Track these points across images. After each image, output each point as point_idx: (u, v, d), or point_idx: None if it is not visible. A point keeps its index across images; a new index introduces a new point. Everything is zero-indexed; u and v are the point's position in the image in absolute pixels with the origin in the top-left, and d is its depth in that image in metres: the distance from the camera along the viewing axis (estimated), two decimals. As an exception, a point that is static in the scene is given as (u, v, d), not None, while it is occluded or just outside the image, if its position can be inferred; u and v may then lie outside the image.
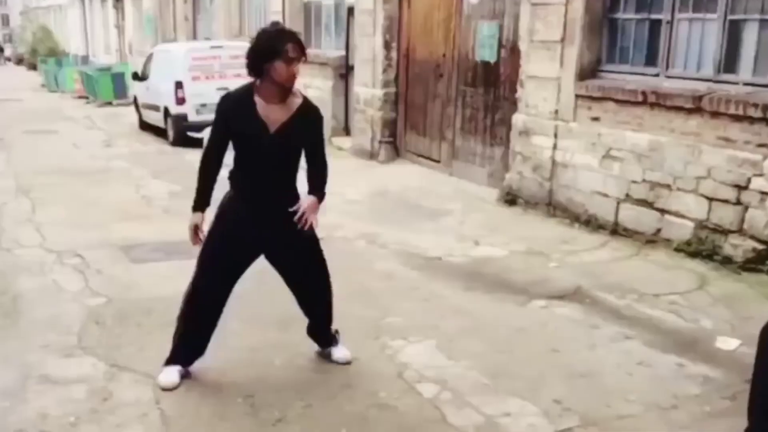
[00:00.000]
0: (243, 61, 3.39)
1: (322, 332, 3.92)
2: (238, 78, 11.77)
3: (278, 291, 3.98)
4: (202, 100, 11.67)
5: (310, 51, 12.13)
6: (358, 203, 7.74)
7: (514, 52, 7.53)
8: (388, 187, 8.39)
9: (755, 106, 5.13)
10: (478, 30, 8.17)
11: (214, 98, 13.28)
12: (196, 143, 10.88)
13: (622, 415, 3.37)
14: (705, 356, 4.03)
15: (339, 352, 3.90)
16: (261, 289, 5.07)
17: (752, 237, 5.23)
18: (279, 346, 4.08)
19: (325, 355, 3.92)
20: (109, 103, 18.34)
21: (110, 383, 3.68)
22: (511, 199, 7.43)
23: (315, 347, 3.98)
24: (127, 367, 3.87)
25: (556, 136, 6.91)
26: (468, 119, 8.49)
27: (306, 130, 3.47)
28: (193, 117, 11.64)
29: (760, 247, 5.18)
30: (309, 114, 3.48)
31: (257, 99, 3.38)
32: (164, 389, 3.58)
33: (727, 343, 4.18)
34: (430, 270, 5.58)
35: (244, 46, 13.39)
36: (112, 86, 18.66)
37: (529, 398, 3.52)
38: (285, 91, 3.38)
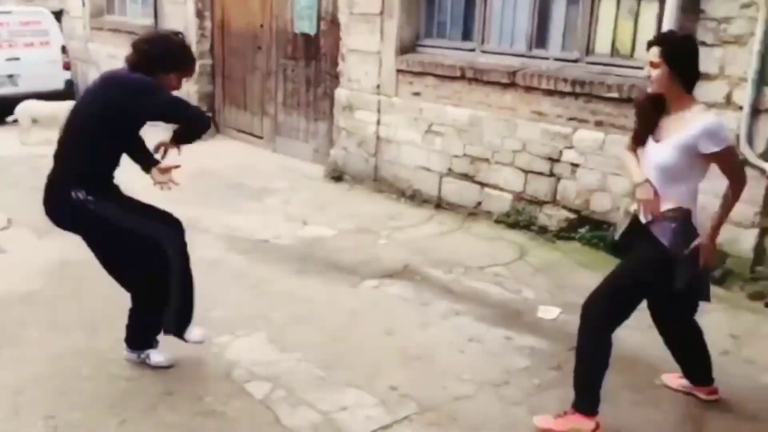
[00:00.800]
0: (36, 28, 3.00)
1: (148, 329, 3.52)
2: (30, 47, 10.72)
3: (83, 288, 3.54)
4: (-12, 72, 10.30)
5: (115, 19, 11.17)
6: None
7: (334, 24, 7.34)
8: (209, 166, 7.88)
9: (565, 81, 5.36)
10: (295, 0, 7.87)
11: (2, 70, 11.74)
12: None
13: (458, 396, 3.36)
14: (530, 327, 4.15)
15: (157, 356, 3.54)
16: (63, 286, 4.54)
17: (564, 207, 5.51)
18: (86, 354, 3.62)
19: (140, 361, 3.53)
20: None
21: None
22: (337, 175, 7.29)
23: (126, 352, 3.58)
24: None
25: (379, 111, 6.85)
26: (290, 93, 8.21)
27: None
28: (-23, 91, 10.23)
29: (571, 216, 5.47)
30: None
31: None
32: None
33: (549, 312, 4.34)
34: (257, 254, 5.30)
35: (36, 11, 11.92)
36: None
37: (365, 388, 3.40)
38: None
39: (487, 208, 6.03)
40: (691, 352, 3.28)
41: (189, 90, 9.32)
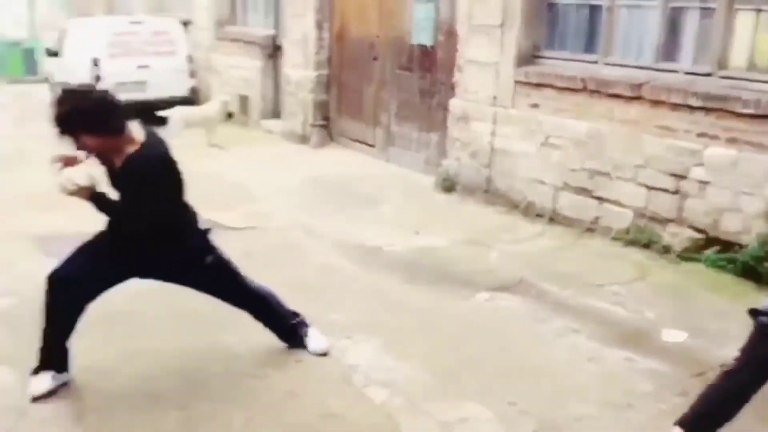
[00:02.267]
0: (164, 38, 3.08)
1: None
2: (159, 56, 11.39)
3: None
4: (120, 79, 10.97)
5: (237, 29, 11.68)
6: (290, 190, 7.44)
7: (452, 35, 7.36)
8: (322, 173, 8.12)
9: (695, 95, 5.13)
10: (414, 12, 7.96)
11: (133, 77, 12.55)
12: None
13: (580, 417, 3.27)
14: (652, 350, 3.99)
15: (313, 343, 3.75)
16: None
17: (690, 226, 5.26)
18: (215, 350, 3.80)
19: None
20: (19, 80, 17.24)
21: (25, 397, 3.31)
22: (448, 186, 7.29)
23: (253, 348, 3.73)
24: (45, 378, 3.50)
25: (494, 122, 6.80)
26: (404, 104, 8.29)
27: None
28: (111, 97, 10.94)
29: (697, 236, 5.22)
30: None
31: None
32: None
33: (674, 336, 4.15)
34: (370, 262, 5.38)
35: (165, 21, 12.68)
36: (22, 62, 17.56)
37: (483, 401, 3.37)
38: None
39: (604, 224, 5.85)
40: None
41: (305, 98, 9.62)
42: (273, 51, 10.62)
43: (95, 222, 3.34)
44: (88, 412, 3.22)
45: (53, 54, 12.76)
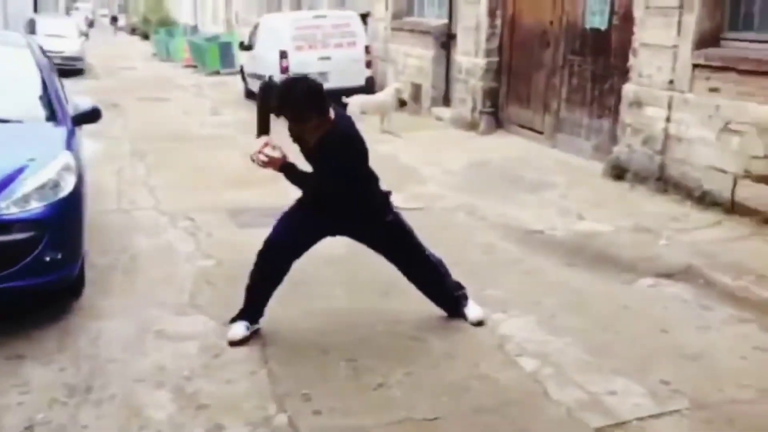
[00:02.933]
0: (345, 30, 3.43)
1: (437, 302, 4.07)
2: (340, 48, 12.10)
3: (377, 258, 4.05)
4: (305, 69, 11.79)
5: (413, 20, 12.09)
6: (457, 174, 7.69)
7: (627, 19, 7.19)
8: (489, 159, 8.27)
9: None
10: (588, -4, 7.85)
11: (316, 67, 13.49)
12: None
13: (736, 400, 3.22)
14: (830, 345, 3.77)
15: (472, 313, 4.01)
16: (361, 252, 5.15)
17: None
18: (380, 313, 4.15)
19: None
20: (217, 72, 18.90)
21: (221, 340, 3.84)
22: (617, 173, 7.15)
23: (415, 314, 4.02)
24: (236, 326, 4.02)
25: (670, 107, 6.58)
26: (574, 90, 8.21)
27: None
28: (295, 86, 11.81)
29: None
30: None
31: None
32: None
33: None
34: (531, 244, 5.48)
35: (346, 15, 13.46)
36: (219, 55, 19.20)
37: (634, 378, 3.42)
38: None
39: (788, 215, 5.50)
40: None
41: (475, 86, 9.80)
42: (446, 40, 10.91)
43: (276, 197, 3.80)
44: (270, 357, 3.67)
45: (246, 48, 13.99)
